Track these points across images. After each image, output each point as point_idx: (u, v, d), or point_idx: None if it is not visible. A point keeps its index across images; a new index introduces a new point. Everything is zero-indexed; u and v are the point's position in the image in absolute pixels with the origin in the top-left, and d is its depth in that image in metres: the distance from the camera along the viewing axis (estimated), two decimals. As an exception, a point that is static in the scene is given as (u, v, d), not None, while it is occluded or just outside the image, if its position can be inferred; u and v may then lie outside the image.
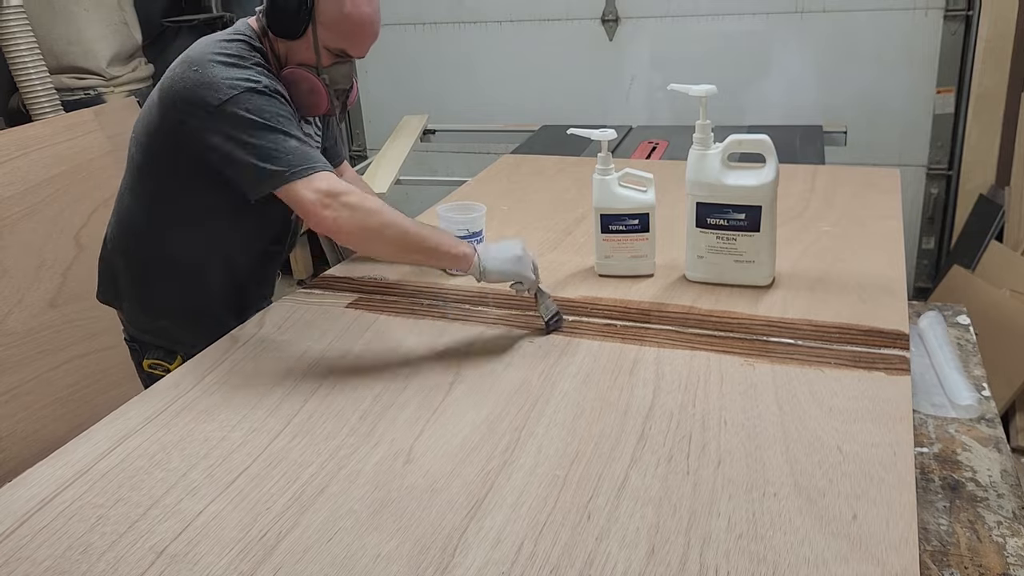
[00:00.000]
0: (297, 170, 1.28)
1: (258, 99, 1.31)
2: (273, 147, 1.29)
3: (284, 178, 1.28)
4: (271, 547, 0.88)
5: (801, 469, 0.96)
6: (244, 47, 1.38)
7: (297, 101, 1.42)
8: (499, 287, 1.50)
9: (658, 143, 2.72)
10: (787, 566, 0.82)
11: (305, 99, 1.43)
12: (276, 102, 1.34)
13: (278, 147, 1.29)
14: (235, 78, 1.31)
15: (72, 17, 3.35)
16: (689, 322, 1.35)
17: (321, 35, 1.39)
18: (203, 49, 1.36)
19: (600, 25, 3.74)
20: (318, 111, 1.45)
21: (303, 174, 1.28)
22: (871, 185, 1.96)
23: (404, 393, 1.18)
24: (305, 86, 1.41)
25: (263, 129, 1.30)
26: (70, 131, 2.70)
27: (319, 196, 1.27)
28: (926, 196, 3.58)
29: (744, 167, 1.41)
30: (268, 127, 1.30)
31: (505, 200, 2.02)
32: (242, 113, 1.29)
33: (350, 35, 1.40)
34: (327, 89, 1.43)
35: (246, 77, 1.33)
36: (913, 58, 3.38)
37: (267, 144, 1.29)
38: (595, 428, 1.07)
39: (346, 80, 1.47)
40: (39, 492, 1.00)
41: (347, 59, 1.45)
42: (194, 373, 1.27)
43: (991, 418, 1.26)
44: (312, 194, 1.27)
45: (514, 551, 0.86)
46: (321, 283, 1.60)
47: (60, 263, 2.57)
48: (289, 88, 1.41)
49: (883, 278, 1.45)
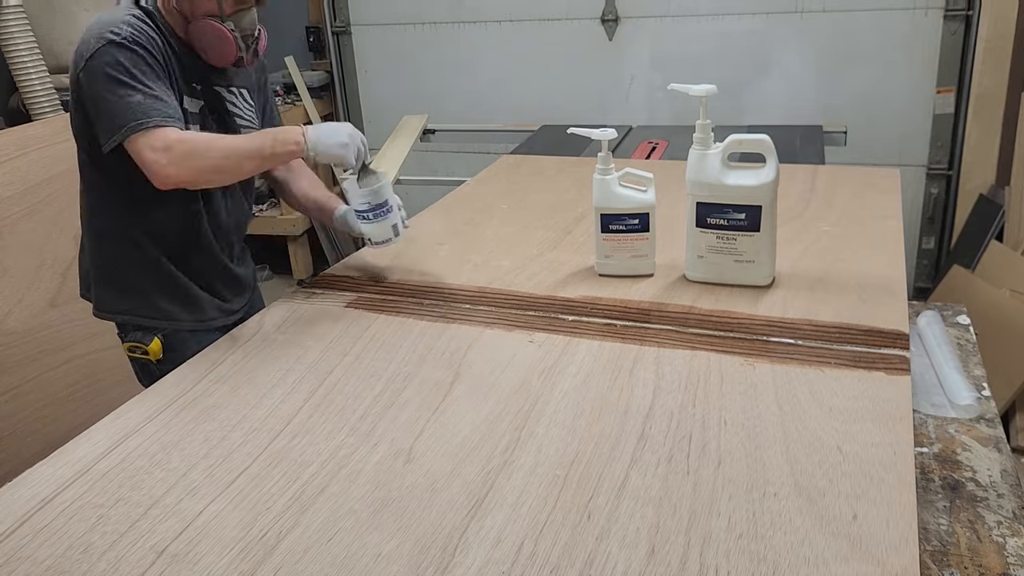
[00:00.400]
0: (134, 124, 1.34)
1: (116, 51, 1.36)
2: (118, 100, 1.35)
3: (124, 131, 1.34)
4: (271, 547, 0.88)
5: (801, 469, 0.96)
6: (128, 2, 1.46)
7: (208, 51, 1.48)
8: (501, 286, 1.50)
9: (658, 143, 2.72)
10: (787, 566, 0.82)
11: (215, 48, 1.48)
12: (132, 54, 1.38)
13: (122, 100, 1.34)
14: (100, 31, 1.37)
15: (72, 17, 3.35)
16: (689, 322, 1.35)
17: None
18: None
19: (600, 25, 3.74)
20: (229, 58, 1.49)
21: (139, 128, 1.33)
22: (871, 185, 1.96)
23: (404, 393, 1.18)
24: (212, 34, 1.47)
25: (114, 83, 1.35)
26: (70, 131, 2.70)
27: (153, 153, 1.33)
28: (926, 196, 3.58)
29: (744, 167, 1.41)
30: (117, 80, 1.35)
31: (505, 200, 2.02)
32: (102, 67, 1.35)
33: None
34: (233, 35, 1.48)
35: (111, 28, 1.37)
36: (913, 58, 3.38)
37: (114, 97, 1.35)
38: (595, 428, 1.07)
39: (251, 25, 1.53)
40: (39, 492, 1.00)
41: (248, 5, 1.50)
42: (194, 373, 1.27)
43: (991, 418, 1.26)
44: (149, 152, 1.33)
45: (514, 551, 0.86)
46: (321, 283, 1.60)
47: (60, 263, 2.57)
48: (198, 40, 1.47)
49: (883, 278, 1.45)
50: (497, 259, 1.63)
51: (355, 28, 4.16)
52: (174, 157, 1.33)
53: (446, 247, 1.72)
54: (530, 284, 1.51)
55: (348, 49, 4.21)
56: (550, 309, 1.41)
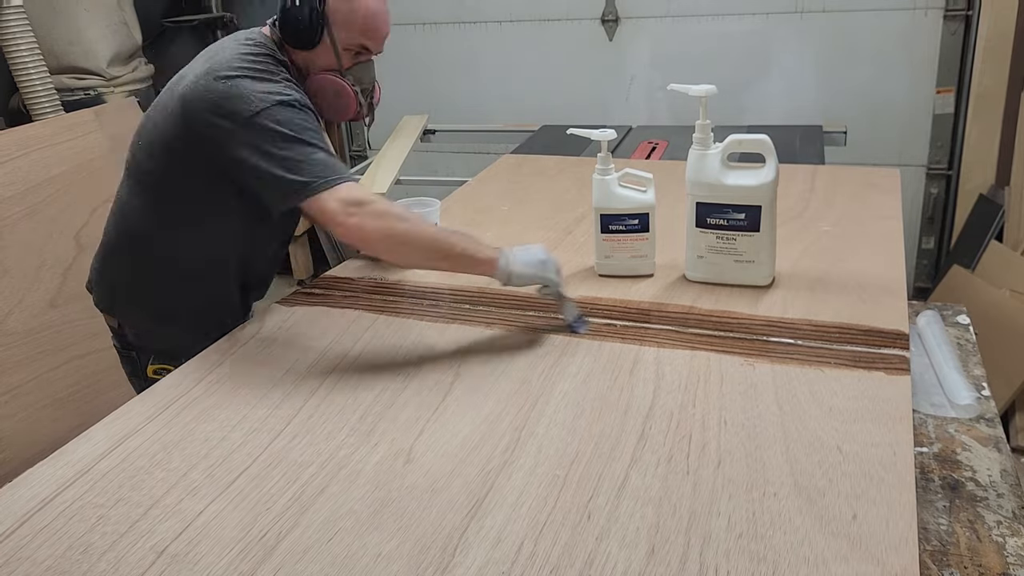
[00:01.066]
0: (323, 181, 1.28)
1: (288, 112, 1.31)
2: (301, 159, 1.29)
3: (311, 189, 1.28)
4: (271, 547, 0.88)
5: (801, 469, 0.96)
6: (271, 61, 1.39)
7: (325, 107, 1.45)
8: (503, 288, 1.50)
9: (658, 143, 2.72)
10: (787, 566, 0.82)
11: (333, 103, 1.45)
12: (305, 115, 1.34)
13: (306, 159, 1.29)
14: (266, 91, 1.32)
15: (72, 17, 3.35)
16: (689, 322, 1.35)
17: (337, 36, 1.41)
18: (228, 59, 1.35)
19: (600, 25, 3.74)
20: (348, 113, 1.47)
21: (328, 185, 1.28)
22: (871, 185, 1.96)
23: (404, 393, 1.18)
24: (332, 89, 1.44)
25: (292, 141, 1.30)
26: (70, 131, 2.70)
27: (343, 205, 1.27)
28: (926, 196, 3.58)
29: (744, 167, 1.41)
30: (297, 139, 1.30)
31: (505, 200, 2.02)
32: (272, 125, 1.29)
33: (364, 29, 1.43)
34: (354, 90, 1.45)
35: (278, 91, 1.33)
36: (913, 58, 3.38)
37: (295, 156, 1.29)
38: (595, 428, 1.07)
39: (369, 78, 1.50)
40: (39, 492, 1.00)
41: (367, 56, 1.47)
42: (194, 373, 1.27)
43: (991, 418, 1.26)
44: (336, 204, 1.27)
45: (514, 551, 0.86)
46: (321, 283, 1.60)
47: (60, 263, 2.57)
48: (316, 95, 1.43)
49: (883, 278, 1.45)
50: (497, 259, 1.63)
51: (355, 28, 4.15)
52: (374, 211, 1.28)
53: (446, 247, 1.72)
54: (530, 284, 1.50)
55: (348, 49, 4.20)
56: (550, 309, 1.41)
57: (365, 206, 1.28)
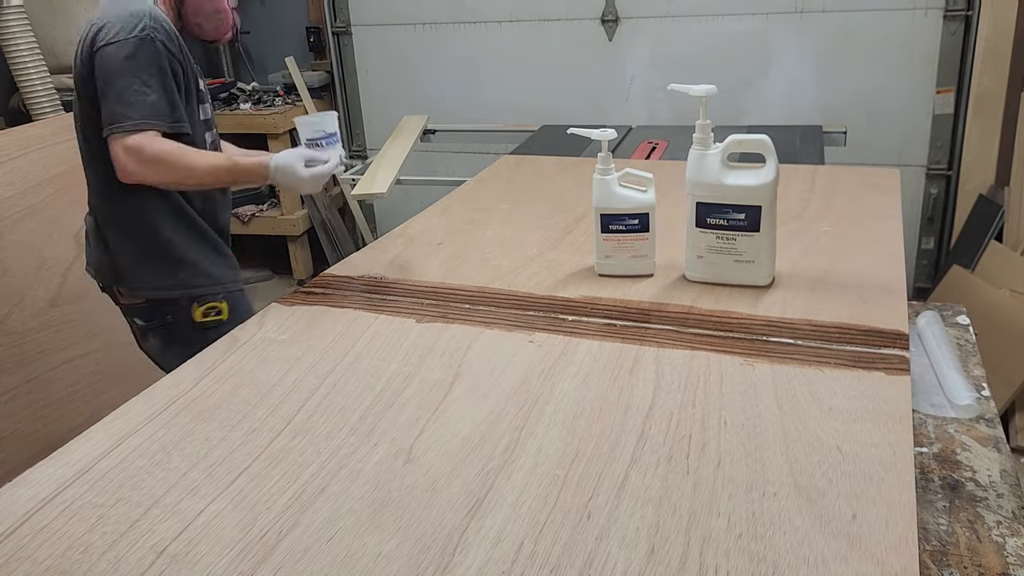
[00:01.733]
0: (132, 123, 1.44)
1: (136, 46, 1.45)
2: (130, 93, 1.44)
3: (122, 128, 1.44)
4: (271, 547, 0.88)
5: (801, 469, 0.96)
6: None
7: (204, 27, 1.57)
8: (501, 286, 1.49)
9: (658, 143, 2.72)
10: (787, 566, 0.82)
11: (213, 22, 1.57)
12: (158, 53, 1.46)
13: (136, 95, 1.44)
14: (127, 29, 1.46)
15: (72, 17, 3.35)
16: (689, 322, 1.35)
17: None
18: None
19: (600, 25, 3.74)
20: (225, 30, 1.59)
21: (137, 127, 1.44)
22: (871, 185, 1.96)
23: (404, 393, 1.18)
24: (210, 7, 1.56)
25: (127, 75, 1.43)
26: (70, 131, 2.67)
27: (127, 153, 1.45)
28: (926, 196, 3.58)
29: (744, 167, 1.41)
30: (134, 74, 1.44)
31: (505, 200, 2.02)
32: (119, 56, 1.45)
33: None
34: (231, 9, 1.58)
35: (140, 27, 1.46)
36: (913, 58, 3.38)
37: (127, 88, 1.44)
38: (595, 428, 1.07)
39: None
40: (39, 492, 1.00)
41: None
42: (194, 373, 1.27)
43: (990, 418, 1.26)
44: (123, 151, 1.45)
45: (514, 550, 0.86)
46: (321, 283, 1.60)
47: (60, 263, 2.57)
48: (195, 17, 1.55)
49: (883, 278, 1.45)
50: (497, 259, 1.63)
51: (355, 28, 4.16)
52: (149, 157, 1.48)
53: (446, 247, 1.72)
54: (530, 284, 1.51)
55: (348, 49, 4.21)
56: (550, 309, 1.41)
57: (143, 152, 1.45)
